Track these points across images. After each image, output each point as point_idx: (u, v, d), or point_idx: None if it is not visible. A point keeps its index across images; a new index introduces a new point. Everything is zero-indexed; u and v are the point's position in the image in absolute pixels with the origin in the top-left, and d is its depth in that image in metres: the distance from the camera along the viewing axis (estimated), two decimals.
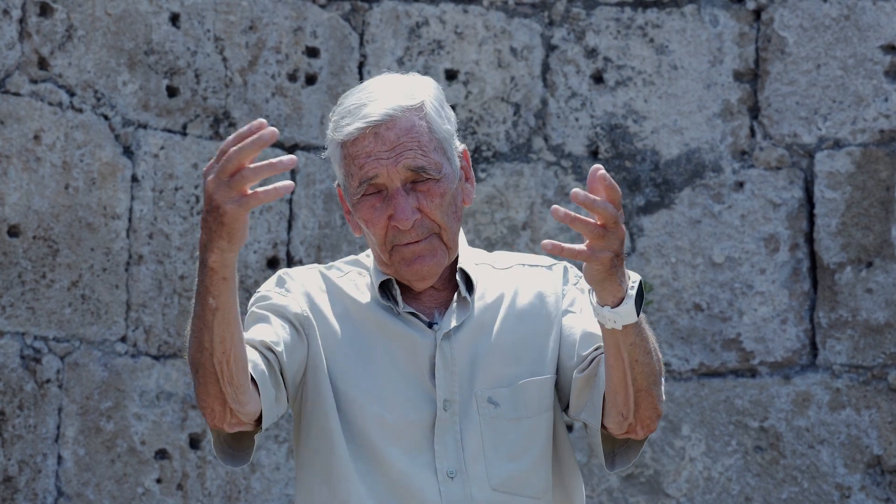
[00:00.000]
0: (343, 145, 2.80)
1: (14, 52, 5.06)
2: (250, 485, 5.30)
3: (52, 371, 5.04)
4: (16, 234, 5.01)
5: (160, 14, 5.33)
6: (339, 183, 2.87)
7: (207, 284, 2.57)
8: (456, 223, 2.83)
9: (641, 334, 2.64)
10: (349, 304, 2.86)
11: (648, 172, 5.59)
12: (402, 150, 2.76)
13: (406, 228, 2.77)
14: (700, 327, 5.50)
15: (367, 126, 2.76)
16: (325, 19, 5.59)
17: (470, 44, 5.64)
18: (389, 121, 2.76)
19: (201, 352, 2.61)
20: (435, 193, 2.78)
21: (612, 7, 5.66)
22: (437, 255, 2.80)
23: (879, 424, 5.34)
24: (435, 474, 2.74)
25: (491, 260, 2.94)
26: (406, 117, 2.78)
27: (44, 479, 5.02)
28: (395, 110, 2.77)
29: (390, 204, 2.77)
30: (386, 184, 2.77)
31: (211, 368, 2.61)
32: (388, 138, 2.76)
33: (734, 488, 5.41)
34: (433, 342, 2.80)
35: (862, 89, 5.49)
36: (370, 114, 2.77)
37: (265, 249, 5.41)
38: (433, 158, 2.78)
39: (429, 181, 2.78)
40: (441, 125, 2.82)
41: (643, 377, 2.67)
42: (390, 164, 2.76)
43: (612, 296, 2.58)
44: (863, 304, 5.39)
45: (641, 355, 2.65)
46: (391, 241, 2.80)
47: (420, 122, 2.78)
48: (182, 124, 5.36)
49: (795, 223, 5.51)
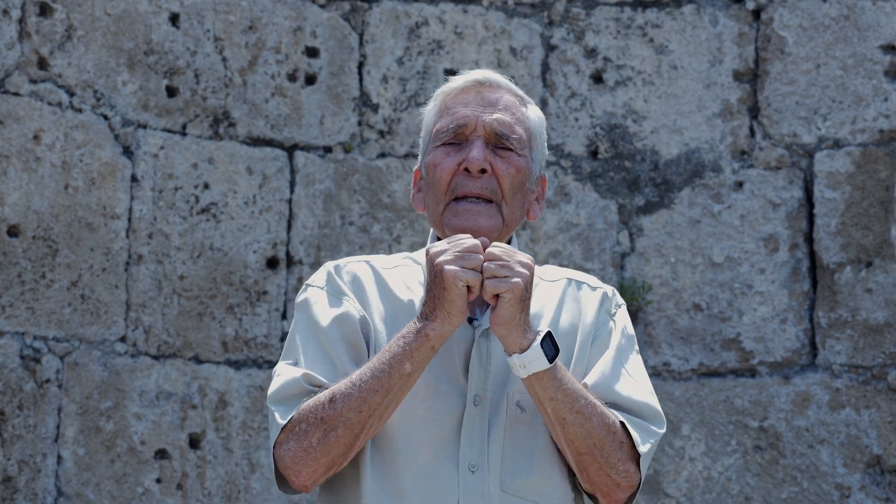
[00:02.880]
0: (445, 97, 2.87)
1: (14, 52, 5.06)
2: (250, 485, 5.30)
3: (51, 371, 5.04)
4: (15, 234, 5.01)
5: (160, 14, 5.33)
6: (422, 142, 2.90)
7: (412, 350, 2.62)
8: (518, 209, 2.85)
9: (562, 390, 2.67)
10: (395, 298, 2.85)
11: (648, 172, 5.60)
12: (495, 110, 2.82)
13: (474, 171, 2.79)
14: (700, 327, 5.50)
15: (474, 82, 2.85)
16: (325, 19, 5.59)
17: (469, 44, 5.64)
18: (496, 86, 2.86)
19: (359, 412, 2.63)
20: (511, 163, 2.83)
21: (611, 7, 5.66)
22: (493, 221, 2.81)
23: (879, 424, 5.34)
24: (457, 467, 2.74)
25: (540, 272, 2.94)
26: (511, 94, 2.87)
27: (44, 478, 5.02)
28: (504, 84, 2.88)
29: (466, 150, 2.81)
30: (469, 133, 2.82)
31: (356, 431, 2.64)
32: (488, 98, 2.84)
33: (734, 488, 5.40)
34: (471, 338, 2.79)
35: (862, 89, 5.49)
36: (480, 74, 2.87)
37: (265, 249, 5.41)
38: (519, 132, 2.84)
39: (509, 151, 2.83)
40: (536, 127, 2.89)
41: (578, 439, 2.69)
42: (482, 115, 2.82)
43: (516, 342, 2.65)
44: (862, 304, 5.39)
45: (569, 414, 2.67)
46: (453, 190, 2.81)
47: (521, 106, 2.87)
48: (182, 124, 5.36)
49: (795, 223, 5.51)
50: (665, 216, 5.58)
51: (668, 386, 5.45)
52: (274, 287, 5.41)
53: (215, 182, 5.37)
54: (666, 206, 5.58)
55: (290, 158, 5.49)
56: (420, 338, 2.62)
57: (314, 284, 2.86)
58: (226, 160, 5.38)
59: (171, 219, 5.30)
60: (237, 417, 5.31)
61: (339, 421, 2.64)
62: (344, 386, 2.66)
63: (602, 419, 2.71)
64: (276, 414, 2.71)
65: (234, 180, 5.39)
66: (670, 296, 5.52)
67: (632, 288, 5.49)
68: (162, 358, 5.24)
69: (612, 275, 5.53)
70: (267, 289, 5.40)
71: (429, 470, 2.74)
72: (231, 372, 5.32)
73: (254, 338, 5.36)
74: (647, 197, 5.59)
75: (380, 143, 5.59)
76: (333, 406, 2.65)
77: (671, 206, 5.58)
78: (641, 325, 5.48)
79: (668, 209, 5.58)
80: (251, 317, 5.36)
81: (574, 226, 5.58)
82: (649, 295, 5.49)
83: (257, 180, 5.41)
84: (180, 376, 5.25)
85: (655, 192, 5.59)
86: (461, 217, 2.80)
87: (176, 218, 5.30)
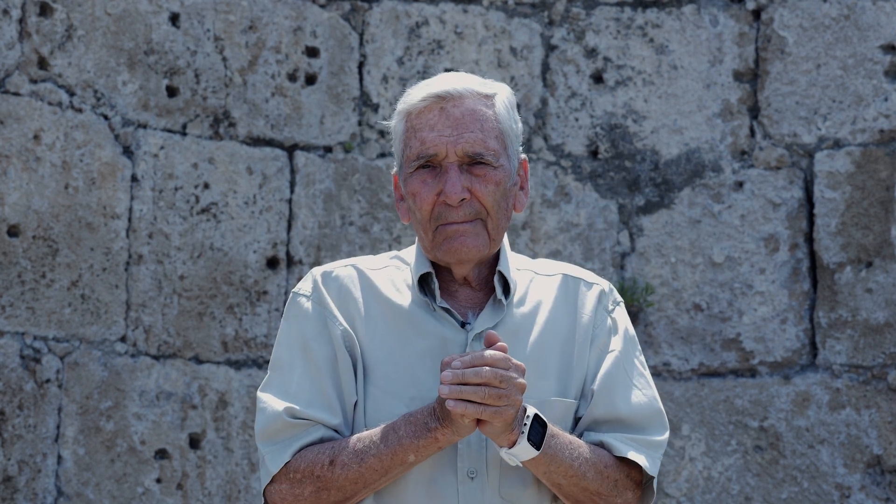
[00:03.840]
0: (408, 116, 2.82)
1: (14, 52, 5.06)
2: (250, 485, 5.30)
3: (51, 371, 5.04)
4: (16, 234, 5.01)
5: (160, 14, 5.33)
6: (395, 156, 2.87)
7: (420, 446, 2.66)
8: (504, 219, 2.83)
9: (554, 463, 2.69)
10: (383, 303, 2.85)
11: (648, 172, 5.59)
12: (463, 131, 2.78)
13: (454, 204, 2.77)
14: (700, 327, 5.50)
15: (435, 97, 2.79)
16: (325, 19, 5.59)
17: (470, 44, 5.64)
18: (457, 97, 2.79)
19: (355, 483, 2.68)
20: (489, 179, 2.79)
21: (611, 7, 5.66)
22: (479, 240, 2.79)
23: (879, 424, 5.34)
24: (455, 474, 2.75)
25: (534, 266, 2.93)
26: (474, 100, 2.80)
27: (44, 478, 5.02)
28: (464, 90, 2.80)
29: (442, 179, 2.78)
30: (442, 160, 2.78)
31: (347, 496, 2.70)
32: (452, 115, 2.78)
33: (734, 488, 5.40)
34: (464, 342, 2.79)
35: (862, 89, 5.49)
36: (439, 87, 2.80)
37: (265, 249, 5.41)
38: (492, 146, 2.79)
39: (485, 166, 2.79)
40: (507, 121, 2.83)
41: (575, 495, 2.74)
42: (450, 142, 2.77)
43: (505, 440, 2.66)
44: (862, 304, 5.39)
45: (563, 479, 2.71)
46: (436, 219, 2.79)
47: (487, 109, 2.80)
48: (182, 124, 5.36)
49: (795, 223, 5.51)
50: (665, 216, 5.58)
51: (668, 386, 5.45)
52: (274, 287, 5.41)
53: (215, 182, 5.37)
54: (666, 206, 5.58)
55: (291, 158, 5.49)
56: (429, 438, 2.65)
57: (301, 293, 2.86)
58: (226, 160, 5.38)
59: (171, 219, 5.30)
60: (237, 417, 5.31)
61: (335, 485, 2.70)
62: (346, 455, 2.70)
63: (595, 469, 2.75)
64: (267, 458, 2.75)
65: (234, 180, 5.38)
66: (670, 296, 5.52)
67: (633, 289, 5.49)
68: (162, 358, 5.24)
69: (612, 275, 5.53)
70: (267, 289, 5.40)
71: (428, 476, 2.74)
72: (231, 372, 5.32)
73: (254, 338, 5.36)
74: (648, 197, 5.59)
75: (380, 142, 5.59)
76: (332, 470, 2.70)
77: (671, 206, 5.58)
78: (642, 325, 5.48)
79: (669, 209, 5.58)
80: (251, 317, 5.35)
81: (574, 226, 5.57)
82: (649, 296, 5.49)
83: (257, 180, 5.41)
84: (180, 376, 5.25)
85: (655, 192, 5.59)
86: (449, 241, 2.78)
87: (176, 218, 5.30)
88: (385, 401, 2.77)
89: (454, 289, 2.84)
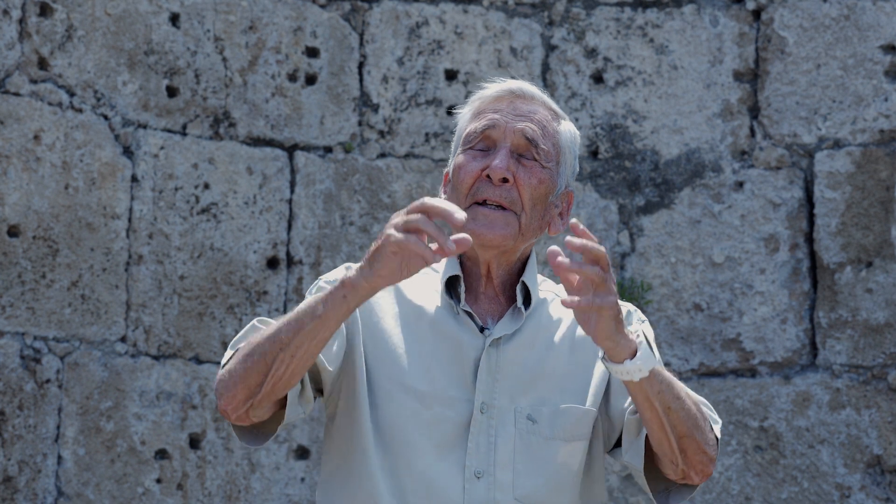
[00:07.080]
0: (480, 101, 2.90)
1: (14, 52, 5.07)
2: (250, 485, 5.30)
3: (51, 371, 5.04)
4: (16, 234, 5.01)
5: (160, 14, 5.34)
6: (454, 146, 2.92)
7: (328, 295, 2.61)
8: (536, 222, 2.86)
9: (666, 380, 2.68)
10: (404, 300, 2.87)
11: (648, 172, 5.60)
12: (525, 121, 2.84)
13: (496, 180, 2.81)
14: (700, 327, 5.50)
15: (508, 91, 2.88)
16: (325, 19, 5.59)
17: (470, 44, 5.64)
18: (530, 97, 2.89)
19: (272, 343, 2.64)
20: (534, 173, 2.84)
21: (611, 7, 5.66)
22: (508, 230, 2.83)
23: (879, 424, 5.34)
24: (462, 473, 2.75)
25: (558, 289, 2.95)
26: (544, 108, 2.89)
27: (44, 478, 5.02)
28: (538, 96, 2.90)
29: (491, 158, 2.83)
30: (497, 139, 2.84)
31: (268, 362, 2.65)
32: (519, 108, 2.87)
33: (734, 488, 5.40)
34: (481, 346, 2.82)
35: (862, 89, 5.49)
36: (515, 85, 2.90)
37: (265, 249, 5.41)
38: (546, 146, 2.86)
39: (534, 161, 2.84)
40: (566, 142, 2.90)
41: (681, 423, 2.72)
42: (511, 122, 2.84)
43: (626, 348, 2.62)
44: (863, 304, 5.39)
45: (673, 401, 2.69)
46: (473, 195, 2.82)
47: (553, 121, 2.89)
48: (182, 124, 5.36)
49: (795, 223, 5.51)
50: (665, 216, 5.58)
51: None
52: (274, 287, 5.41)
53: (215, 182, 5.37)
54: (666, 206, 5.58)
55: (291, 158, 5.49)
56: (338, 285, 2.61)
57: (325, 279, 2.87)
58: (226, 160, 5.38)
59: (171, 219, 5.30)
60: None
61: (257, 349, 2.66)
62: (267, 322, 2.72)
63: (693, 397, 2.77)
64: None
65: (234, 180, 5.39)
66: (670, 296, 5.52)
67: (632, 289, 5.49)
68: (162, 358, 5.24)
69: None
70: (267, 289, 5.40)
71: (433, 473, 2.75)
72: None
73: None
74: (648, 197, 5.59)
75: (380, 143, 5.59)
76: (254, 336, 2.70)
77: (671, 206, 5.58)
78: None
79: (669, 209, 5.58)
80: (251, 317, 5.36)
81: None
82: (649, 294, 5.50)
83: (257, 180, 5.41)
84: (180, 376, 5.25)
85: (655, 192, 5.59)
86: (477, 222, 2.81)
87: (176, 218, 5.30)
88: (398, 395, 2.78)
89: (479, 291, 2.88)
